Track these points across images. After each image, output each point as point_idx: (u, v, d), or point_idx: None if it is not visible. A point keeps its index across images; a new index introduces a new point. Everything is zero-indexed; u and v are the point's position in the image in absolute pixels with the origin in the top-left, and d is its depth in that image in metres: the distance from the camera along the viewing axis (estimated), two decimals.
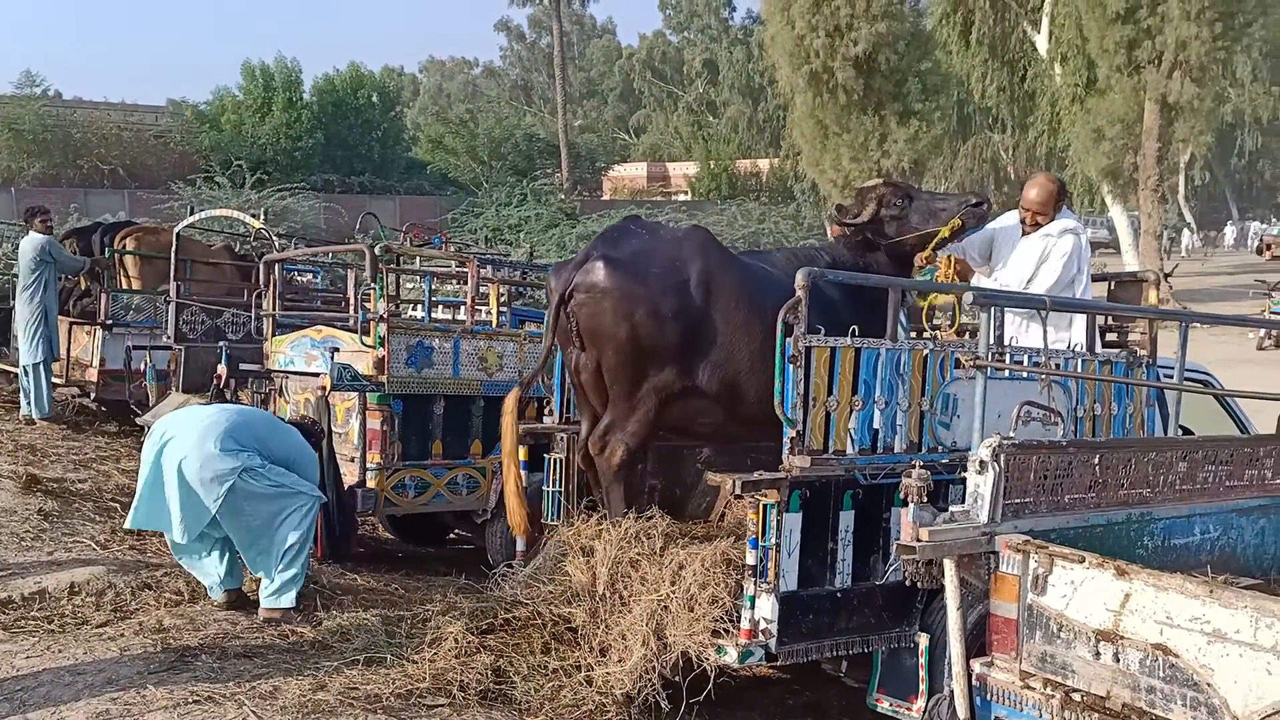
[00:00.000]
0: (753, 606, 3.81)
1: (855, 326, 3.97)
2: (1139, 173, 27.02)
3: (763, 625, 3.79)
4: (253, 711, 3.62)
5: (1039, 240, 5.26)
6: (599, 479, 4.54)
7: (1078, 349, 4.83)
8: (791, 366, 3.76)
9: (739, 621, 3.85)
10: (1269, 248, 32.55)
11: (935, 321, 5.24)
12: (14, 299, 9.40)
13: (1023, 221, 5.35)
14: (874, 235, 4.81)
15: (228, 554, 4.83)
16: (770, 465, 3.89)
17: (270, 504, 4.66)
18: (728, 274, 4.35)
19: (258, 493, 4.63)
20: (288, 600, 4.70)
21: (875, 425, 4.03)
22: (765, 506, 3.76)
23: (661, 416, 4.40)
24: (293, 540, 4.68)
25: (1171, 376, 4.94)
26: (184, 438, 4.63)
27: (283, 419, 5.36)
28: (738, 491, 3.74)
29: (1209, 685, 2.75)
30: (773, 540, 3.76)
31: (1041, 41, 31.66)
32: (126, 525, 4.90)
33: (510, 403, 4.62)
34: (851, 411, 3.95)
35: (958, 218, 4.78)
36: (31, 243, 9.04)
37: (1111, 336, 5.44)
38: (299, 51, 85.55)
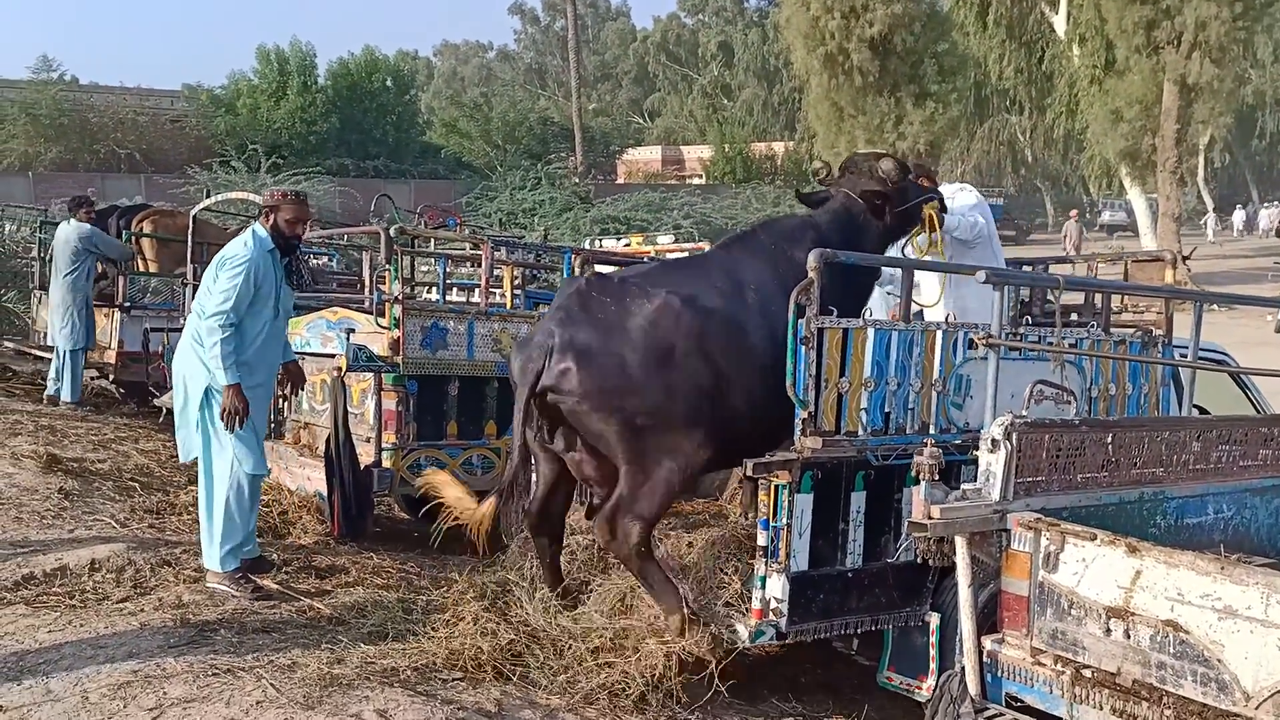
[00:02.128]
0: (764, 586, 3.84)
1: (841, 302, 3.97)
2: (1157, 155, 26.80)
3: (773, 605, 3.82)
4: (271, 683, 3.67)
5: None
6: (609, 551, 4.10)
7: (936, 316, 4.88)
8: (804, 348, 3.77)
9: (750, 601, 3.88)
10: None
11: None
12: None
13: None
14: (887, 202, 4.68)
15: None
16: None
17: (212, 445, 4.74)
18: (711, 326, 3.97)
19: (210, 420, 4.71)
20: (212, 562, 4.73)
21: (887, 408, 4.04)
22: (777, 487, 3.78)
23: (688, 479, 4.05)
24: (230, 503, 4.71)
25: (1186, 357, 4.92)
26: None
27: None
28: (750, 472, 3.76)
29: (1219, 661, 2.76)
30: (784, 520, 3.78)
31: (1059, 22, 31.35)
32: None
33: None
34: (863, 392, 3.96)
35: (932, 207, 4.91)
36: (77, 231, 9.14)
37: (1128, 316, 5.43)
38: (313, 35, 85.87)
